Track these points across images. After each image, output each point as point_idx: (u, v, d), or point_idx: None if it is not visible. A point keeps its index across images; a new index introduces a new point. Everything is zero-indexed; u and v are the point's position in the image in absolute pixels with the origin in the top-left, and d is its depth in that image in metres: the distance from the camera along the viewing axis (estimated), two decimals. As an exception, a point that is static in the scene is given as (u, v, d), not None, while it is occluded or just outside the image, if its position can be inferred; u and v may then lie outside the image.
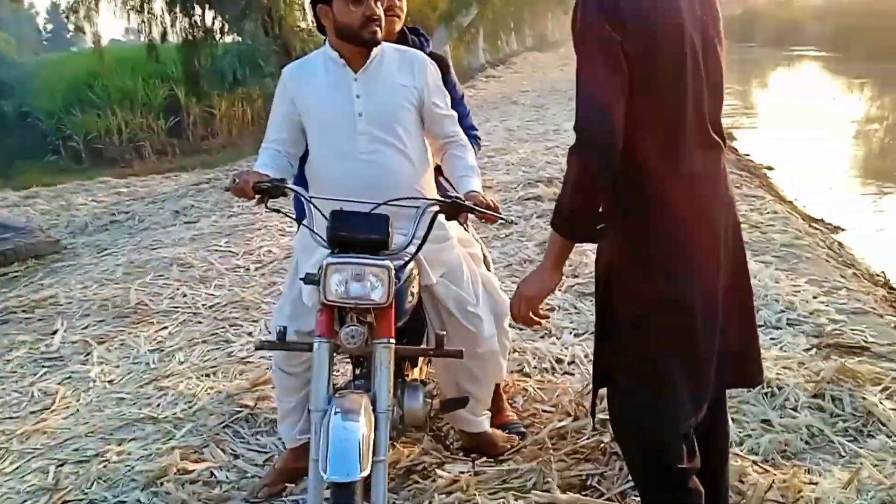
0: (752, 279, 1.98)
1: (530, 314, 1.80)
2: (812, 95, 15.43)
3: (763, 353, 1.93)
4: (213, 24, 12.80)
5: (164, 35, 14.85)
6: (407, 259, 1.99)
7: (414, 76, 2.30)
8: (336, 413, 1.76)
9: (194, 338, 3.83)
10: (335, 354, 1.96)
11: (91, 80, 15.96)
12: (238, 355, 3.57)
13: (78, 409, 3.20)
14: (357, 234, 1.90)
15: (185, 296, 4.42)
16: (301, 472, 2.34)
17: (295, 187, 2.11)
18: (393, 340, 1.91)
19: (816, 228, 5.77)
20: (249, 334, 3.82)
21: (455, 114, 2.42)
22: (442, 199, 2.09)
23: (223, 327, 3.92)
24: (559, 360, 3.23)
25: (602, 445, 2.46)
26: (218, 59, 12.28)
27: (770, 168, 8.33)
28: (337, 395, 1.87)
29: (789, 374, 2.83)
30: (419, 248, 2.01)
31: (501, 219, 2.13)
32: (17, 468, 2.74)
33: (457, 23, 15.27)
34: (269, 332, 2.54)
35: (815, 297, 3.68)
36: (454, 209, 2.07)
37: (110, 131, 14.56)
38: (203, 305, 4.26)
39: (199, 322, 4.04)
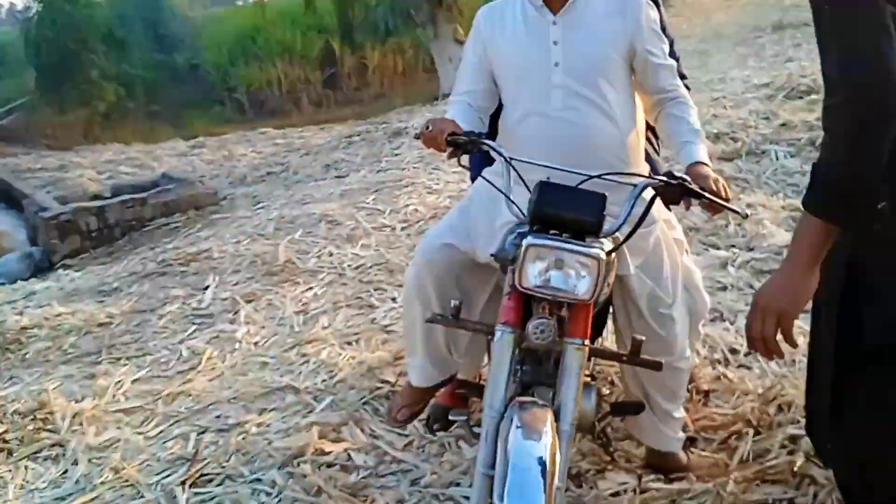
0: None
1: (777, 336, 1.39)
2: None
3: None
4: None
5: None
6: (614, 247, 1.63)
7: (625, 18, 1.95)
8: (518, 428, 1.46)
9: (339, 301, 3.72)
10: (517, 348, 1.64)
11: (254, 33, 16.57)
12: (381, 323, 3.42)
13: (223, 373, 3.17)
14: (567, 212, 1.56)
15: (331, 255, 4.33)
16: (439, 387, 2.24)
17: (493, 144, 1.78)
18: (587, 342, 1.59)
19: None
20: (393, 299, 3.65)
21: (674, 63, 2.03)
22: (665, 178, 1.67)
23: (367, 291, 3.79)
24: (734, 351, 2.83)
25: (794, 468, 2.08)
26: (371, 10, 12.25)
27: None
28: (518, 403, 1.56)
29: None
30: (630, 234, 1.64)
31: (734, 210, 1.69)
32: (160, 433, 2.73)
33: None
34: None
35: None
36: (677, 192, 1.66)
37: (271, 83, 15.05)
38: (348, 266, 4.15)
39: (344, 284, 3.94)
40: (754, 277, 3.37)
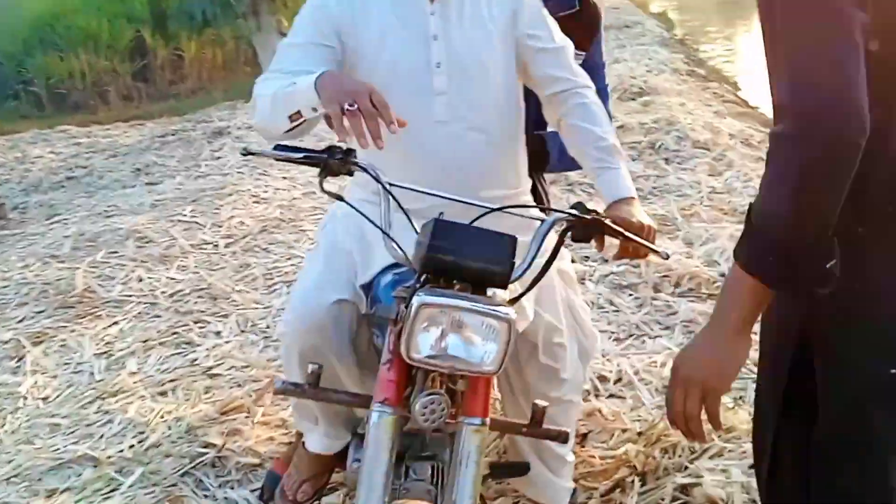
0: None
1: (701, 413, 1.12)
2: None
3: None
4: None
5: (128, -29, 13.87)
6: (519, 294, 1.33)
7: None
8: None
9: (150, 338, 3.15)
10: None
11: (52, 20, 14.93)
12: (203, 364, 2.91)
13: (1, 440, 2.54)
14: (470, 260, 1.22)
15: (141, 280, 3.72)
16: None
17: (368, 166, 1.39)
18: (488, 420, 1.26)
19: None
20: (217, 333, 3.15)
21: (564, 46, 1.70)
22: (578, 212, 1.36)
23: (186, 324, 3.25)
24: (602, 378, 2.60)
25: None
26: (187, 0, 11.33)
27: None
28: None
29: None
30: (536, 280, 1.34)
31: (655, 252, 1.42)
32: None
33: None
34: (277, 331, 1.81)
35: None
36: (592, 230, 1.37)
37: (73, 75, 13.61)
38: (162, 293, 3.57)
39: (157, 316, 3.36)
40: (614, 293, 3.19)
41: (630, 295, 3.16)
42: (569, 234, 1.37)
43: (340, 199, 1.41)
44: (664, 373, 2.53)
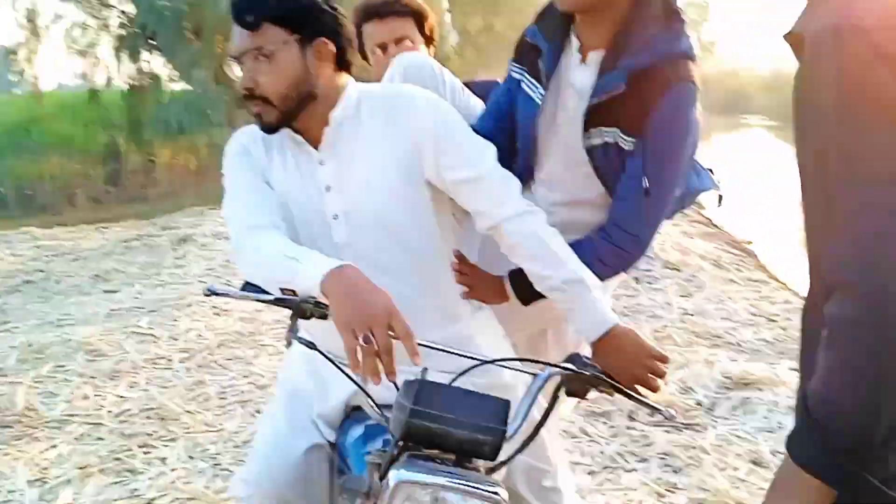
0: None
1: None
2: (766, 163, 15.15)
3: None
4: (161, 70, 12.18)
5: (108, 81, 14.13)
6: (505, 461, 1.18)
7: (402, 129, 1.44)
8: None
9: (90, 464, 2.90)
10: None
11: (29, 124, 14.99)
12: (144, 496, 2.67)
13: None
14: (460, 430, 1.07)
15: (86, 398, 3.49)
16: None
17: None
18: None
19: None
20: (163, 460, 2.92)
21: (490, 169, 1.46)
22: (572, 367, 1.25)
23: (129, 449, 3.01)
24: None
25: None
26: (163, 108, 11.47)
27: (749, 242, 7.77)
28: None
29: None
30: (527, 442, 1.22)
31: (657, 410, 1.30)
32: None
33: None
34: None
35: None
36: (588, 384, 1.27)
37: (43, 177, 13.54)
38: (108, 412, 3.34)
39: (100, 438, 3.12)
40: (588, 421, 3.04)
41: (604, 423, 3.02)
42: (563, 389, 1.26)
43: (313, 347, 1.25)
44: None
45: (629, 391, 1.28)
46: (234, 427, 3.15)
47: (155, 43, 12.97)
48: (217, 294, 1.26)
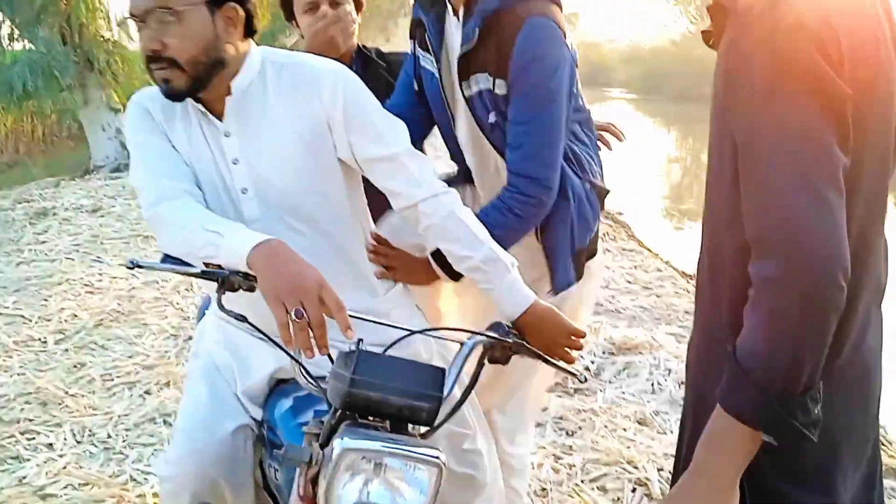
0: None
1: None
2: (629, 135, 15.94)
3: None
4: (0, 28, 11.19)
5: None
6: (436, 426, 1.21)
7: (310, 103, 1.43)
8: None
9: (-31, 454, 2.78)
10: None
11: None
12: (34, 483, 2.59)
13: None
14: (399, 397, 1.12)
15: (-45, 385, 3.30)
16: None
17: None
18: None
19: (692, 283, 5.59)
20: (50, 446, 2.83)
21: (402, 150, 1.48)
22: (495, 335, 1.33)
23: (11, 435, 2.89)
24: None
25: None
26: (5, 69, 10.56)
27: (620, 213, 8.22)
28: None
29: None
30: (457, 408, 1.27)
31: (573, 374, 1.42)
32: None
33: (279, 43, 14.39)
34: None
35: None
36: (510, 351, 1.34)
37: None
38: (-18, 400, 3.18)
39: (-24, 427, 2.98)
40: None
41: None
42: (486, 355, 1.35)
43: (244, 319, 1.25)
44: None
45: (548, 358, 1.39)
46: (122, 409, 3.08)
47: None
48: (140, 266, 1.23)
